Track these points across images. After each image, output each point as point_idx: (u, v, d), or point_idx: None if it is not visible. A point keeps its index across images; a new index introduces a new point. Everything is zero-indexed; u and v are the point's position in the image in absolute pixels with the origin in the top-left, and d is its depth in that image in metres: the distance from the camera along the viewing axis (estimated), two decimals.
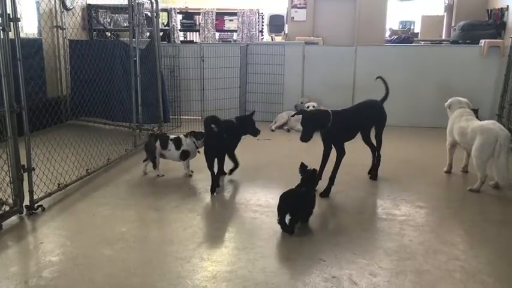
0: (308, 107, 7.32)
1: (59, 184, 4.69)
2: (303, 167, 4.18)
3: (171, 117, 7.75)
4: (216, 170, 4.91)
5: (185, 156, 5.26)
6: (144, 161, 5.44)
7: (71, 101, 7.96)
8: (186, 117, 8.04)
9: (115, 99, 7.04)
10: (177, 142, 5.25)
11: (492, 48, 7.63)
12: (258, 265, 3.35)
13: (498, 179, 4.85)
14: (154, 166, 5.37)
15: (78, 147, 5.56)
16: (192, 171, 5.38)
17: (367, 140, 5.29)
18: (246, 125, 5.17)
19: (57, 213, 4.29)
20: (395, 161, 5.19)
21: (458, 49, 8.09)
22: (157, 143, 5.29)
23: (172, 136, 5.35)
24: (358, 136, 5.13)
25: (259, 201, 4.66)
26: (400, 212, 4.42)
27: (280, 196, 3.98)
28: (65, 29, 7.97)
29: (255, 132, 5.18)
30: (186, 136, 5.27)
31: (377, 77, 5.51)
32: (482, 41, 7.72)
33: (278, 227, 3.97)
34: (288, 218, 3.89)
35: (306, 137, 4.53)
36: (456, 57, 7.83)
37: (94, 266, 3.34)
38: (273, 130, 7.61)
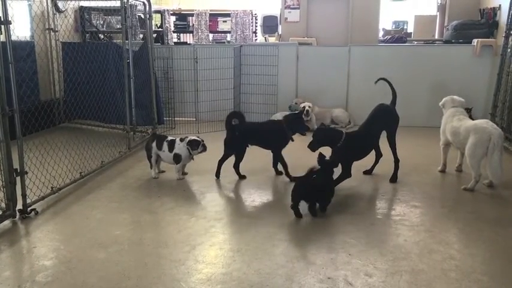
0: (304, 107, 7.32)
1: (52, 187, 4.66)
2: (321, 157, 4.34)
3: (165, 119, 7.72)
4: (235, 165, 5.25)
5: (177, 159, 5.21)
6: (153, 162, 5.43)
7: (64, 104, 7.92)
8: (180, 118, 8.03)
9: (108, 101, 7.01)
10: (171, 144, 5.22)
11: (485, 47, 7.66)
12: (253, 267, 3.34)
13: (492, 178, 4.86)
14: (151, 166, 5.35)
15: (71, 150, 5.52)
16: (186, 173, 5.38)
17: (376, 144, 5.28)
18: (294, 124, 5.22)
19: (51, 216, 4.26)
20: (390, 160, 5.19)
21: (451, 49, 8.12)
22: (154, 143, 5.27)
23: (169, 138, 5.32)
24: None
25: (254, 203, 4.65)
26: (395, 212, 4.43)
27: (296, 183, 4.25)
28: (57, 31, 7.93)
29: (303, 130, 5.28)
30: (181, 140, 5.22)
31: (379, 79, 5.50)
32: (475, 41, 7.75)
33: (273, 228, 3.98)
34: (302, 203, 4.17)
35: (313, 147, 4.77)
36: (449, 56, 7.86)
37: (88, 269, 3.32)
38: None
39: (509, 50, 6.92)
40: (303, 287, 3.10)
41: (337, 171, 4.62)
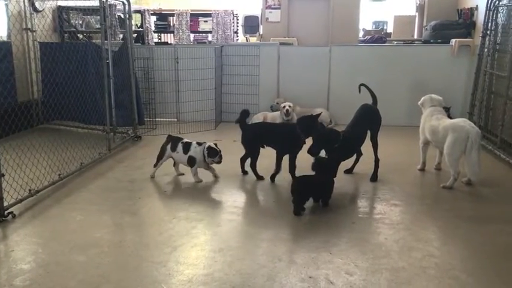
0: (284, 106, 7.34)
1: (30, 190, 4.57)
2: (314, 163, 4.49)
3: (146, 119, 7.66)
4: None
5: (191, 162, 5.12)
6: (173, 165, 5.38)
7: (42, 105, 7.78)
8: (162, 119, 7.97)
9: (88, 102, 6.92)
10: (186, 146, 5.14)
11: (462, 47, 7.79)
12: (234, 267, 3.33)
13: (470, 176, 4.95)
14: (156, 165, 5.30)
15: (50, 151, 5.43)
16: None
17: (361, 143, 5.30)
18: (305, 127, 4.81)
19: (29, 219, 4.18)
20: (370, 159, 5.24)
21: (430, 48, 8.23)
22: (169, 146, 5.22)
23: (185, 140, 5.25)
24: None
25: (236, 203, 4.64)
26: (375, 211, 4.47)
27: (296, 180, 4.50)
28: (35, 31, 7.80)
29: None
30: (198, 144, 5.14)
31: (360, 85, 5.54)
32: (452, 41, 7.87)
33: (255, 228, 3.98)
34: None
35: (314, 151, 4.67)
36: (428, 56, 7.97)
37: (67, 273, 3.27)
38: None
39: (486, 49, 7.04)
40: (284, 286, 3.10)
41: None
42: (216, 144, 5.16)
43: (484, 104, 7.03)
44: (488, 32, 6.96)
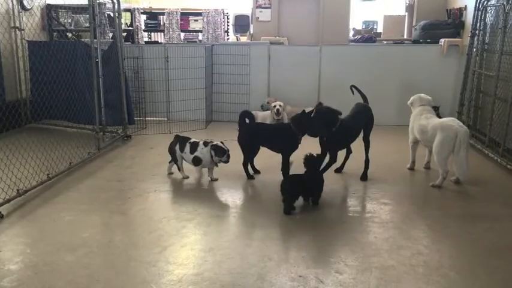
0: (275, 106, 7.33)
1: (18, 190, 4.52)
2: (307, 159, 4.47)
3: (135, 118, 7.62)
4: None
5: (197, 162, 5.09)
6: (169, 162, 5.35)
7: (31, 104, 7.71)
8: (152, 118, 7.94)
9: (77, 101, 6.86)
10: (193, 146, 5.10)
11: (451, 47, 7.83)
12: (224, 267, 3.33)
13: (458, 175, 4.99)
14: (179, 168, 5.28)
15: (38, 151, 5.38)
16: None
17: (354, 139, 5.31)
18: (302, 124, 4.83)
19: (17, 220, 4.14)
20: (361, 159, 5.25)
21: (419, 48, 8.27)
22: (177, 146, 5.18)
23: (192, 140, 5.20)
24: None
25: (226, 202, 4.64)
26: (365, 210, 4.49)
27: (286, 179, 4.50)
28: (23, 29, 7.72)
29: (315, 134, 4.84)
30: (205, 144, 5.08)
31: (351, 86, 5.57)
32: (442, 40, 7.92)
33: (245, 228, 3.98)
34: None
35: (312, 131, 4.74)
36: (417, 56, 8.01)
37: (55, 273, 3.24)
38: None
39: (474, 49, 7.10)
40: (274, 285, 3.10)
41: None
42: (222, 143, 5.10)
43: (472, 104, 7.09)
44: (477, 32, 7.02)
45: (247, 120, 5.27)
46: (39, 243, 3.71)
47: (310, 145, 4.95)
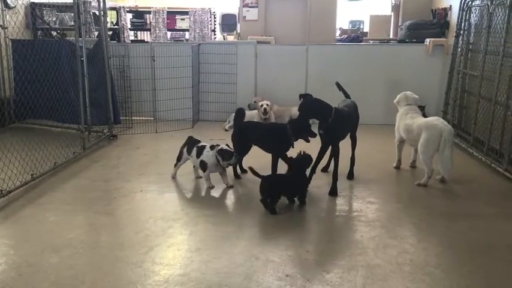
0: (262, 105, 7.34)
1: (1, 190, 4.45)
2: (292, 159, 4.52)
3: (121, 118, 7.55)
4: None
5: (203, 167, 4.93)
6: (174, 165, 5.25)
7: (15, 103, 7.60)
8: (138, 118, 7.89)
9: (62, 100, 6.77)
10: (200, 150, 4.96)
11: (437, 46, 7.91)
12: (211, 267, 3.32)
13: (443, 173, 5.04)
14: (175, 165, 5.22)
15: (22, 151, 5.30)
16: (232, 185, 5.07)
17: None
18: (299, 131, 4.81)
19: (0, 220, 4.08)
20: (347, 158, 5.27)
21: (405, 48, 8.32)
22: (185, 148, 5.10)
23: (201, 143, 5.06)
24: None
25: (213, 202, 4.63)
26: (351, 208, 4.51)
27: (264, 179, 4.34)
28: (6, 28, 7.60)
29: (308, 137, 4.79)
30: (211, 148, 4.92)
31: (336, 83, 5.59)
32: (427, 40, 7.99)
33: (231, 227, 3.97)
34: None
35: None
36: (403, 55, 8.07)
37: (39, 274, 3.20)
38: (226, 130, 7.55)
39: (459, 49, 7.17)
40: (261, 285, 3.10)
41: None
42: (228, 145, 4.98)
43: (457, 103, 7.16)
44: (462, 32, 7.09)
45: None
46: (23, 244, 3.66)
47: (310, 145, 4.89)
